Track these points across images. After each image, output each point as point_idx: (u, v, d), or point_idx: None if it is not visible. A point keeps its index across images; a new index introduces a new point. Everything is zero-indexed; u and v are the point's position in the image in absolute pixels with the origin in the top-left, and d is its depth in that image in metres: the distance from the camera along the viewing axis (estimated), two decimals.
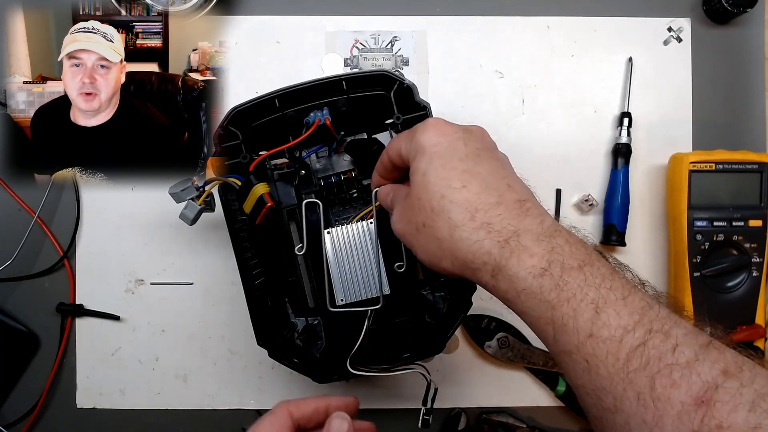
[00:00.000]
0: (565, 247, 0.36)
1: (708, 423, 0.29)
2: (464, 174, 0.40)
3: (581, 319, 0.34)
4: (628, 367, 0.32)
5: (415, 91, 0.56)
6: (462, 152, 0.41)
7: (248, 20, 0.72)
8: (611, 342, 0.33)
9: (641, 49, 0.72)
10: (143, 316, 0.71)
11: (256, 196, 0.54)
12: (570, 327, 0.34)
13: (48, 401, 0.71)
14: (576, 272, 0.35)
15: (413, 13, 0.72)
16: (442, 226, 0.39)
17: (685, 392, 0.30)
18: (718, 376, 0.30)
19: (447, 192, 0.39)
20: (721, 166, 0.66)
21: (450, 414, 0.70)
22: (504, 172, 0.41)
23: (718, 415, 0.29)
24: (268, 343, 0.58)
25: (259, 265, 0.59)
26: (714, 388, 0.29)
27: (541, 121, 0.72)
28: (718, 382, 0.30)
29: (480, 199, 0.39)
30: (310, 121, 0.58)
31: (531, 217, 0.38)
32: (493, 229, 0.38)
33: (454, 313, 0.58)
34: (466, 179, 0.40)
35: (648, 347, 0.32)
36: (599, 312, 0.33)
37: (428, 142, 0.42)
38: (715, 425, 0.29)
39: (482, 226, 0.38)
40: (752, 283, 0.66)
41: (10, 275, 0.70)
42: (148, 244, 0.71)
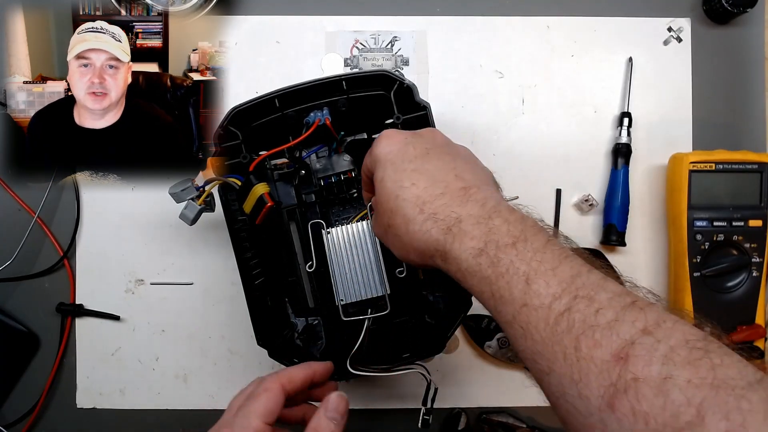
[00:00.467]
0: (502, 227, 0.39)
1: (624, 376, 0.31)
2: (413, 173, 0.44)
3: (515, 291, 0.37)
4: (555, 330, 0.34)
5: (415, 91, 0.56)
6: (411, 155, 0.45)
7: (248, 20, 0.72)
8: (542, 309, 0.35)
9: (641, 49, 0.72)
10: (143, 316, 0.71)
11: (256, 196, 0.54)
12: (506, 298, 0.37)
13: (48, 401, 0.71)
14: (510, 249, 0.38)
15: (413, 13, 0.72)
16: (400, 223, 0.43)
17: (605, 350, 0.32)
18: (636, 334, 0.32)
19: (400, 192, 0.43)
20: (721, 166, 0.66)
21: (450, 414, 0.70)
22: (453, 164, 0.45)
23: (633, 369, 0.31)
24: (268, 343, 0.58)
25: (259, 265, 0.59)
26: (630, 345, 0.31)
27: (541, 121, 0.72)
28: (635, 339, 0.32)
29: (427, 193, 0.42)
30: (310, 121, 0.58)
31: (473, 202, 0.41)
32: (439, 218, 0.41)
33: (454, 313, 0.58)
34: (415, 178, 0.43)
35: (573, 311, 0.34)
36: (530, 283, 0.36)
37: (382, 152, 0.46)
38: (631, 378, 0.31)
39: (429, 217, 0.42)
40: (752, 283, 0.66)
41: (10, 275, 0.70)
42: (148, 244, 0.71)
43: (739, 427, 0.27)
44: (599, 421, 0.32)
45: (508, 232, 0.38)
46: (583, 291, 0.35)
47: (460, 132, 0.71)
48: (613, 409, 0.31)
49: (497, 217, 0.40)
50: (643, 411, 0.30)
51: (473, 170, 0.45)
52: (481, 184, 0.43)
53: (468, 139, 0.71)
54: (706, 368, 0.29)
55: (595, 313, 0.33)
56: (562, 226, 0.71)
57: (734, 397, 0.28)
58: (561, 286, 0.35)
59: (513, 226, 0.39)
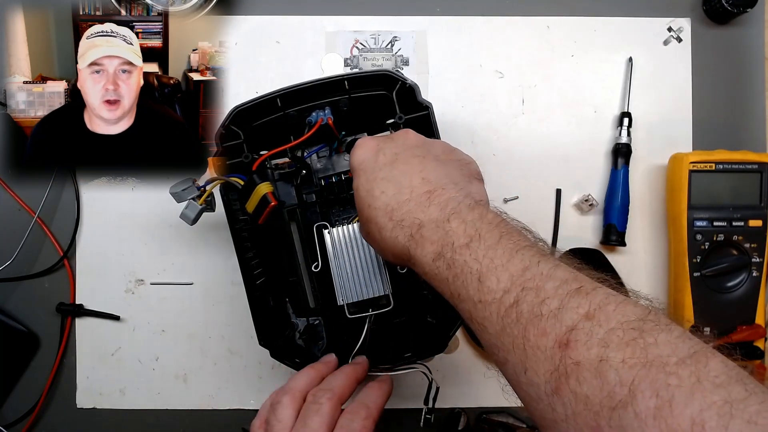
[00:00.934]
0: (459, 228, 0.40)
1: (566, 362, 0.32)
2: (382, 182, 0.45)
3: (470, 289, 0.38)
4: (506, 322, 0.36)
5: (417, 91, 0.56)
6: (381, 162, 0.46)
7: (248, 20, 0.72)
8: (494, 304, 0.37)
9: (641, 49, 0.72)
10: (143, 316, 0.71)
11: (259, 195, 0.54)
12: (464, 297, 0.39)
13: (48, 401, 0.71)
14: (464, 249, 0.39)
15: (413, 13, 0.72)
16: (375, 231, 0.45)
17: (550, 338, 0.34)
18: (577, 319, 0.33)
19: (371, 201, 0.45)
20: (721, 166, 0.66)
21: (450, 414, 0.70)
22: (420, 167, 0.45)
23: (573, 354, 0.32)
24: (269, 343, 0.58)
25: (260, 265, 0.59)
26: (572, 331, 0.33)
27: (541, 121, 0.72)
28: (577, 324, 0.33)
29: (395, 200, 0.44)
30: (312, 120, 0.58)
31: (434, 205, 0.42)
32: (404, 225, 0.43)
33: (455, 313, 0.57)
34: (383, 186, 0.45)
35: (521, 303, 0.36)
36: (482, 280, 0.38)
37: (355, 162, 0.48)
38: (572, 363, 0.32)
39: (397, 224, 0.43)
40: (752, 283, 0.66)
41: (10, 275, 0.70)
42: (148, 244, 0.71)
43: (666, 403, 0.28)
44: (548, 405, 0.33)
45: (465, 232, 0.40)
46: (531, 282, 0.36)
47: (460, 132, 0.71)
48: (559, 393, 0.33)
49: (455, 218, 0.41)
50: (583, 393, 0.31)
51: (443, 169, 0.46)
52: (448, 183, 0.44)
53: (468, 139, 0.71)
54: (640, 348, 0.31)
55: (541, 303, 0.35)
56: (562, 226, 0.71)
57: (664, 374, 0.29)
58: (511, 280, 0.37)
59: (469, 226, 0.40)
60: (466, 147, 0.70)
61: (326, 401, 0.46)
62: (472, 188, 0.46)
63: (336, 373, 0.51)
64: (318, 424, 0.44)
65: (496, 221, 0.40)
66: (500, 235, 0.39)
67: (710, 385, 0.29)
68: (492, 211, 0.42)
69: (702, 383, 0.29)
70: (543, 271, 0.36)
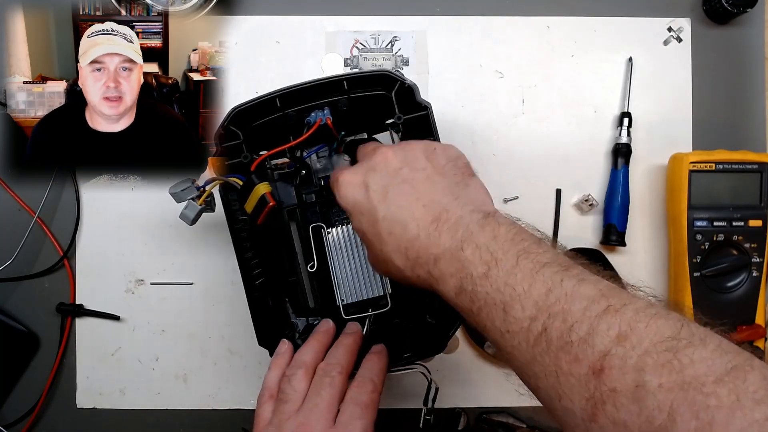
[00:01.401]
0: (474, 256, 0.39)
1: (601, 389, 0.32)
2: (385, 222, 0.44)
3: (497, 321, 0.38)
4: (536, 351, 0.36)
5: (417, 91, 0.56)
6: (374, 200, 0.45)
7: (248, 20, 0.72)
8: (521, 333, 0.36)
9: (641, 49, 0.72)
10: (143, 316, 0.71)
11: (258, 195, 0.54)
12: (490, 328, 0.39)
13: (48, 401, 0.71)
14: (483, 279, 0.39)
15: (413, 13, 0.72)
16: (395, 271, 0.45)
17: (583, 365, 0.33)
18: (610, 343, 0.32)
19: (383, 245, 0.44)
20: (721, 166, 0.66)
21: (450, 414, 0.70)
22: (415, 194, 0.44)
23: (608, 381, 0.32)
24: (269, 343, 0.58)
25: (260, 265, 0.59)
26: (605, 356, 0.32)
27: (541, 121, 0.72)
28: (610, 349, 0.32)
29: (405, 238, 0.43)
30: (311, 120, 0.58)
31: (445, 233, 0.41)
32: (421, 261, 0.42)
33: (454, 313, 0.58)
34: (388, 226, 0.44)
35: (549, 331, 0.35)
36: (507, 311, 0.37)
37: (347, 203, 0.47)
38: (608, 390, 0.32)
39: (415, 263, 0.43)
40: (752, 283, 0.66)
41: (10, 275, 0.70)
42: (148, 244, 0.71)
43: (707, 425, 0.28)
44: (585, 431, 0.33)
45: (480, 259, 0.39)
46: (556, 306, 0.35)
47: (460, 132, 0.71)
48: (596, 420, 0.32)
49: (468, 245, 0.40)
50: (621, 419, 0.31)
51: (437, 185, 0.45)
52: (449, 201, 0.43)
53: (468, 139, 0.71)
54: (676, 370, 0.30)
55: (570, 329, 0.34)
56: (562, 226, 0.71)
57: (702, 395, 0.29)
58: (536, 307, 0.36)
59: (483, 251, 0.39)
60: (466, 147, 0.70)
61: (337, 375, 0.47)
62: (471, 193, 0.45)
63: (340, 347, 0.51)
64: (331, 396, 0.46)
65: (509, 236, 0.40)
66: (517, 256, 0.38)
67: (750, 402, 0.28)
68: (502, 222, 0.41)
69: (741, 401, 0.28)
70: (567, 290, 0.36)
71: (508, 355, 0.38)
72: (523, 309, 0.36)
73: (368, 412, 0.46)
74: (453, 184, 0.45)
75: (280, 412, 0.46)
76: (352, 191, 0.46)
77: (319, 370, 0.48)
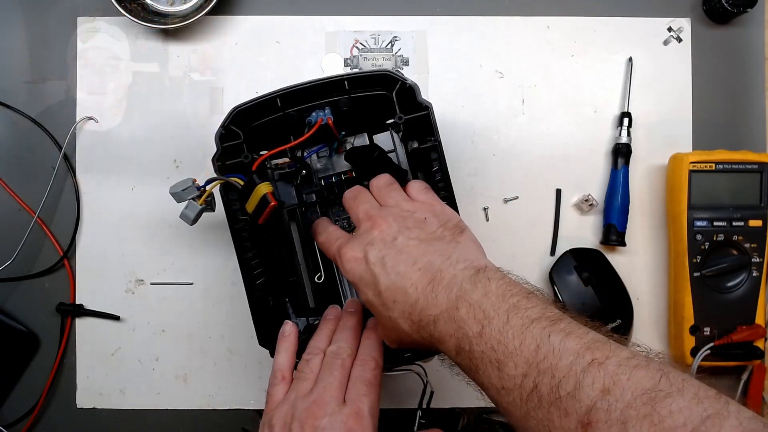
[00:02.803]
0: (468, 315, 0.41)
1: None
2: (388, 291, 0.45)
3: (493, 378, 0.40)
4: (529, 407, 0.37)
5: (417, 91, 0.56)
6: (376, 272, 0.46)
7: (248, 20, 0.72)
8: (515, 390, 0.38)
9: (641, 49, 0.72)
10: (143, 316, 0.71)
11: (259, 195, 0.54)
12: (487, 385, 0.41)
13: (48, 401, 0.71)
14: (478, 339, 0.40)
15: (413, 13, 0.72)
16: (403, 337, 0.46)
17: (572, 419, 0.35)
18: (596, 397, 0.34)
19: (389, 313, 0.46)
20: (721, 166, 0.66)
21: (450, 414, 0.70)
22: (411, 259, 0.46)
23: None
24: (269, 343, 0.58)
25: (260, 265, 0.59)
26: (591, 410, 0.34)
27: (541, 121, 0.72)
28: (595, 402, 0.34)
29: (407, 304, 0.44)
30: (312, 120, 0.58)
31: (441, 293, 0.43)
32: (423, 324, 0.44)
33: None
34: (392, 294, 0.45)
35: (540, 387, 0.37)
36: (501, 368, 0.39)
37: (353, 278, 0.48)
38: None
39: (419, 327, 0.44)
40: (752, 283, 0.66)
41: (10, 275, 0.70)
42: (148, 244, 0.71)
43: None
44: None
45: (474, 318, 0.41)
46: (545, 363, 0.37)
47: (460, 132, 0.71)
48: None
49: (462, 304, 0.42)
50: None
51: (430, 245, 0.46)
52: (442, 261, 0.45)
53: (468, 140, 0.71)
54: (655, 422, 0.32)
55: (558, 385, 0.36)
56: (562, 226, 0.71)
57: None
58: (527, 363, 0.38)
59: (476, 309, 0.41)
60: (466, 147, 0.71)
61: (347, 357, 0.50)
62: (463, 250, 0.46)
63: (345, 331, 0.53)
64: (342, 375, 0.48)
65: (500, 292, 0.41)
66: (507, 313, 0.40)
67: None
68: (492, 277, 0.43)
69: None
70: (554, 346, 0.37)
71: (505, 411, 0.40)
72: (515, 366, 0.38)
73: (373, 388, 0.48)
74: (445, 245, 0.47)
75: (296, 390, 0.49)
76: (355, 266, 0.48)
77: (329, 353, 0.50)
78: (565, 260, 0.69)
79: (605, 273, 0.69)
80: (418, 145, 0.60)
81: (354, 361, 0.50)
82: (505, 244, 0.71)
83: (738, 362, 0.67)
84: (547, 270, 0.70)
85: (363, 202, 0.51)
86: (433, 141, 0.57)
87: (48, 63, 0.71)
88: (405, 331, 0.45)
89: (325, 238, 0.53)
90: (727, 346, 0.66)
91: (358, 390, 0.47)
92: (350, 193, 0.53)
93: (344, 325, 0.54)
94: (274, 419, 0.48)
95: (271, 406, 0.50)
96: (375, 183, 0.53)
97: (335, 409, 0.46)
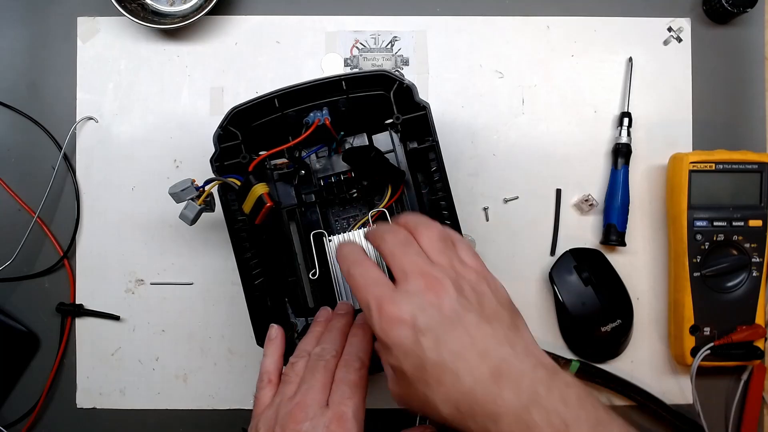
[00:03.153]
0: (543, 422, 0.37)
1: None
2: (433, 370, 0.39)
3: None
4: None
5: (415, 91, 0.56)
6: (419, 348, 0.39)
7: (248, 20, 0.72)
8: None
9: (641, 49, 0.72)
10: (143, 316, 0.71)
11: (255, 196, 0.54)
12: None
13: (48, 401, 0.71)
14: None
15: (413, 13, 0.72)
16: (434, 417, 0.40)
17: None
18: None
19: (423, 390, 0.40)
20: (721, 166, 0.66)
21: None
22: (470, 341, 0.39)
23: None
24: None
25: (259, 265, 0.60)
26: None
27: (541, 121, 0.72)
28: None
29: (456, 390, 0.39)
30: (309, 121, 0.58)
31: (507, 391, 0.38)
32: (477, 417, 0.38)
33: None
34: (438, 374, 0.39)
35: None
36: None
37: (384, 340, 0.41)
38: None
39: (467, 416, 0.38)
40: (752, 283, 0.66)
41: (10, 275, 0.70)
42: (148, 244, 0.71)
43: None
44: None
45: (550, 425, 0.37)
46: None
47: (460, 132, 0.71)
48: None
49: (536, 408, 0.37)
50: None
51: (490, 326, 0.40)
52: (507, 350, 0.39)
53: (468, 140, 0.71)
54: None
55: None
56: (562, 226, 0.71)
57: None
58: None
59: (554, 417, 0.37)
60: (466, 147, 0.71)
61: (331, 358, 0.48)
62: (525, 339, 0.42)
63: (333, 331, 0.52)
64: (325, 377, 0.47)
65: (578, 402, 0.38)
66: (587, 422, 0.37)
67: None
68: (570, 383, 0.39)
69: None
70: None
71: None
72: None
73: (357, 390, 0.46)
74: (506, 330, 0.41)
75: (281, 393, 0.48)
76: (400, 331, 0.40)
77: (313, 354, 0.49)
78: (565, 260, 0.69)
79: (605, 273, 0.69)
80: (416, 146, 0.60)
81: (339, 362, 0.48)
82: (505, 244, 0.71)
83: (738, 362, 0.67)
84: (547, 270, 0.70)
85: (413, 254, 0.43)
86: (431, 141, 0.57)
87: (48, 63, 0.71)
88: (441, 414, 0.40)
89: (362, 279, 0.43)
90: (727, 346, 0.66)
91: (342, 392, 0.45)
92: (393, 236, 0.45)
93: (332, 327, 0.52)
94: (260, 423, 0.47)
95: (258, 410, 0.49)
96: (426, 234, 0.45)
97: (317, 412, 0.44)
